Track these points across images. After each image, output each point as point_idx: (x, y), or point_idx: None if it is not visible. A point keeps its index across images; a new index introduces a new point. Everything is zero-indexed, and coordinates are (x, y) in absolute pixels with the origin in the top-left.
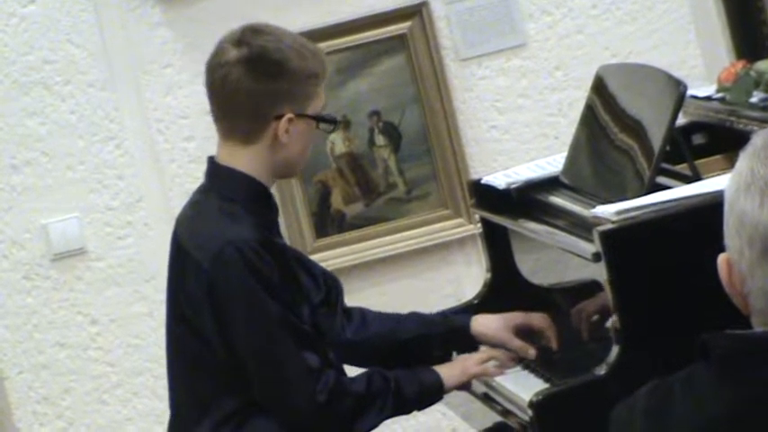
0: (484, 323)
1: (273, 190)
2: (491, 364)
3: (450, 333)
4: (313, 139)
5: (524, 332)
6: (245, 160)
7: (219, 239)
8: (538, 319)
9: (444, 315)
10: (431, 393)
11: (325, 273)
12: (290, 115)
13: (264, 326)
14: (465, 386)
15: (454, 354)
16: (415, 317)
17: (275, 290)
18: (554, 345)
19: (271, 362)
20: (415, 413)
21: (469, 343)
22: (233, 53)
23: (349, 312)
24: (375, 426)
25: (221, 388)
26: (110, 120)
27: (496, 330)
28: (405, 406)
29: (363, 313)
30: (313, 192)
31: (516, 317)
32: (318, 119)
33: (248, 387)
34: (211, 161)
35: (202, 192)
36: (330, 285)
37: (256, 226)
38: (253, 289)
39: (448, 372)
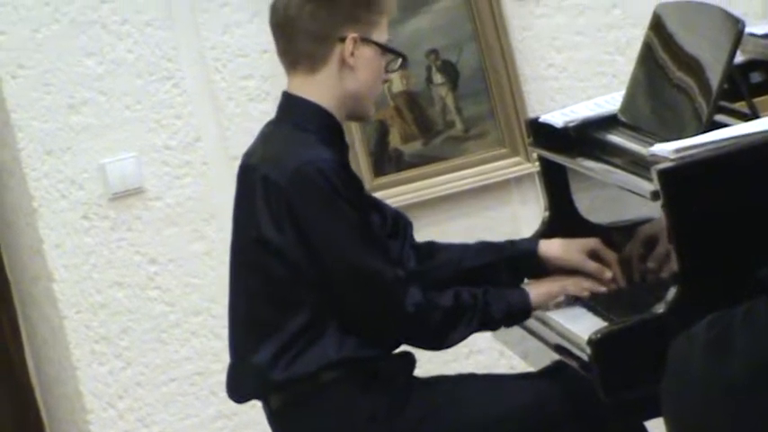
0: (552, 246)
1: None
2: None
3: (517, 258)
4: (380, 73)
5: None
6: (315, 89)
7: (297, 159)
8: (609, 253)
9: (511, 242)
10: (517, 313)
11: (396, 213)
12: (354, 35)
13: (350, 236)
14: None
15: (525, 280)
16: (481, 244)
17: (356, 203)
18: (621, 282)
19: (361, 271)
20: (471, 351)
21: (538, 267)
22: None
23: (417, 247)
24: (462, 339)
25: (285, 313)
26: (167, 59)
27: (569, 253)
28: (491, 323)
29: (431, 245)
30: (371, 130)
31: (590, 242)
32: (385, 48)
33: (312, 312)
34: (285, 94)
35: (273, 123)
36: (398, 223)
37: (333, 152)
38: (335, 201)
39: (535, 291)
